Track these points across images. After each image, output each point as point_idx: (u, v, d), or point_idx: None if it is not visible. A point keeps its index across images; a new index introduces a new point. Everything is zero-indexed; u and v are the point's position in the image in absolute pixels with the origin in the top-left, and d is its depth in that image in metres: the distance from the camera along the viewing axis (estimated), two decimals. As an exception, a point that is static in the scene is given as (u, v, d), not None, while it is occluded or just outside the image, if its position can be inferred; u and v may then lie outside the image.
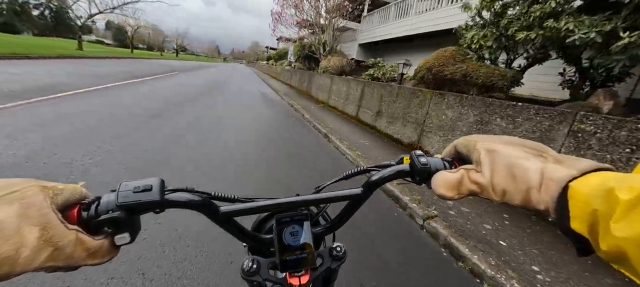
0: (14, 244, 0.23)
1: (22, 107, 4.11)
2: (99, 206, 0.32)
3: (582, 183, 0.25)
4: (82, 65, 11.82)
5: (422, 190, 2.77)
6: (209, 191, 0.40)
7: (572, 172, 0.26)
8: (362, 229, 2.20)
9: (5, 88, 5.15)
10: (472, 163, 0.35)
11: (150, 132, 3.88)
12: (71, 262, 0.27)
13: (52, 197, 0.27)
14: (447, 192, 0.35)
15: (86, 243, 0.28)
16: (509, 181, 0.30)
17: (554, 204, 0.27)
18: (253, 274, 0.43)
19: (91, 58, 16.43)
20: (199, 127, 4.61)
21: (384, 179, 0.42)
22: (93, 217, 0.31)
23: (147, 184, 0.33)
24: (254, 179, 2.93)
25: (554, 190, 0.27)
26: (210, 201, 0.39)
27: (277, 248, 0.43)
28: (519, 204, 0.30)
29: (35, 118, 3.69)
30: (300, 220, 0.45)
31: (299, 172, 3.33)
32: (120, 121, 4.19)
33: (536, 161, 0.30)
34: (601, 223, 0.22)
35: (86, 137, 3.29)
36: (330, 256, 0.47)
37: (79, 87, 6.38)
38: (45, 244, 0.25)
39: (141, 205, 0.32)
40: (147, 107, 5.52)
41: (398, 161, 0.43)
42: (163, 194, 0.33)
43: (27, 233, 0.24)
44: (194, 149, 3.49)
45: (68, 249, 0.26)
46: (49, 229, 0.25)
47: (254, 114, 6.68)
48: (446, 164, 0.39)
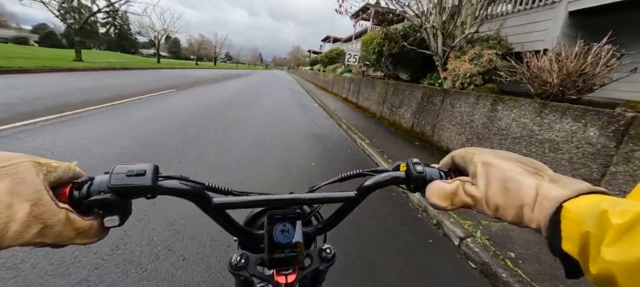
0: (4, 217, 0.23)
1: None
2: (91, 187, 0.31)
3: (576, 204, 0.25)
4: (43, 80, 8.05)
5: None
6: (203, 181, 0.39)
7: (566, 193, 0.26)
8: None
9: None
10: (469, 175, 0.35)
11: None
12: (59, 240, 0.27)
13: (46, 174, 0.27)
14: (440, 202, 0.35)
15: (75, 223, 0.28)
16: (502, 195, 0.30)
17: (546, 223, 0.26)
18: (240, 269, 0.43)
19: (83, 71, 13.01)
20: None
21: (379, 184, 0.42)
22: (84, 197, 0.30)
23: (140, 169, 0.32)
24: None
25: (548, 209, 0.26)
26: (203, 191, 0.39)
27: (267, 245, 0.42)
28: (511, 220, 0.30)
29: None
30: (293, 218, 0.44)
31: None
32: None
33: (531, 178, 0.30)
34: (592, 246, 0.22)
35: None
36: (320, 257, 0.47)
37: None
38: (35, 220, 0.25)
39: (133, 189, 0.32)
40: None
41: (395, 167, 0.43)
42: (156, 180, 0.33)
43: (18, 209, 0.24)
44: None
45: (57, 228, 0.26)
46: (40, 206, 0.25)
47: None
48: (442, 174, 0.39)
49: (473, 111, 4.00)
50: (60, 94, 6.26)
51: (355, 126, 5.94)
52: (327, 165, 3.73)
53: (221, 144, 3.94)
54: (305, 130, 5.56)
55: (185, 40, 40.61)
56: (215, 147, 3.79)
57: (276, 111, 7.66)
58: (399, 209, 2.67)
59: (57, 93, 6.38)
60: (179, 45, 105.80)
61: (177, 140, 3.88)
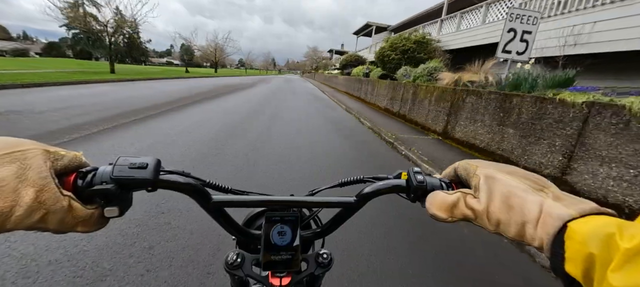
0: (10, 201, 0.24)
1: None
2: (94, 177, 0.32)
3: (581, 225, 0.24)
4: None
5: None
6: (203, 178, 0.39)
7: (571, 212, 0.25)
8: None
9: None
10: (471, 188, 0.34)
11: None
12: (60, 227, 0.28)
13: (53, 161, 0.28)
14: (440, 213, 0.34)
15: (77, 211, 0.28)
16: (504, 211, 0.29)
17: (549, 242, 0.25)
18: (236, 268, 0.43)
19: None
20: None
21: (378, 191, 0.41)
22: (87, 187, 0.31)
23: (143, 162, 0.32)
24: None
25: (551, 228, 0.25)
26: (203, 188, 0.39)
27: (263, 246, 0.42)
28: (512, 236, 0.29)
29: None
30: (291, 221, 0.43)
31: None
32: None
33: (536, 194, 0.29)
34: (597, 269, 0.21)
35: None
36: (316, 262, 0.46)
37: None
38: (39, 206, 0.25)
39: (133, 181, 0.32)
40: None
41: (396, 176, 0.42)
42: (157, 174, 0.33)
43: (23, 193, 0.25)
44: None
45: (59, 215, 0.27)
46: (45, 192, 0.26)
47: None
48: (443, 185, 0.39)
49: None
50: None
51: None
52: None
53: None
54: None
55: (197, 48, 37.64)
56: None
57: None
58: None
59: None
60: (192, 54, 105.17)
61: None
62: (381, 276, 1.73)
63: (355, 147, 4.92)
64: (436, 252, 2.01)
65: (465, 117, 5.05)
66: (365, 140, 5.53)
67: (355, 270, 1.75)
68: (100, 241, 1.80)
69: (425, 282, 1.72)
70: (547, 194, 0.29)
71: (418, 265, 1.86)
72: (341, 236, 2.06)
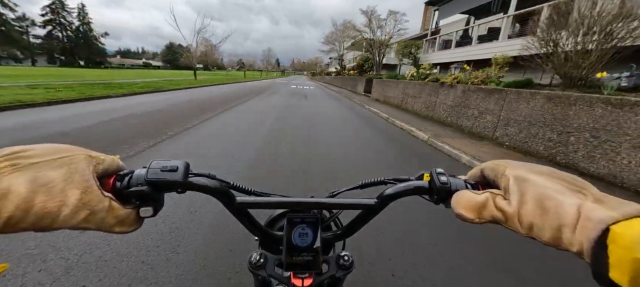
0: (58, 202, 0.26)
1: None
2: (131, 179, 0.33)
3: (626, 228, 0.22)
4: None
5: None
6: (228, 181, 0.41)
7: (614, 215, 0.23)
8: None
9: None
10: (500, 189, 0.32)
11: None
12: (101, 226, 0.29)
13: (95, 165, 0.30)
14: (467, 213, 0.32)
15: (116, 211, 0.30)
16: (538, 214, 0.28)
17: (590, 247, 0.23)
18: (259, 268, 0.44)
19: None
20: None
21: (400, 193, 0.40)
22: (124, 188, 0.33)
23: (173, 165, 0.34)
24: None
25: (592, 232, 0.23)
26: (229, 189, 0.40)
27: (285, 247, 0.43)
28: (547, 241, 0.27)
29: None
30: (312, 222, 0.44)
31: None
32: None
33: (573, 196, 0.27)
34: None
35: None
36: (337, 264, 0.46)
37: None
38: (83, 206, 0.27)
39: (165, 183, 0.34)
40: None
41: (418, 177, 0.42)
42: (187, 176, 0.35)
43: (70, 195, 0.27)
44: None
45: (101, 214, 0.29)
46: (88, 194, 0.28)
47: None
48: (469, 186, 0.37)
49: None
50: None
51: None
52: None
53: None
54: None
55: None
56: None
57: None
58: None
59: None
60: (175, 54, 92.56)
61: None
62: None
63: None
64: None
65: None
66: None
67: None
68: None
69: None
70: (585, 196, 0.27)
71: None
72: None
